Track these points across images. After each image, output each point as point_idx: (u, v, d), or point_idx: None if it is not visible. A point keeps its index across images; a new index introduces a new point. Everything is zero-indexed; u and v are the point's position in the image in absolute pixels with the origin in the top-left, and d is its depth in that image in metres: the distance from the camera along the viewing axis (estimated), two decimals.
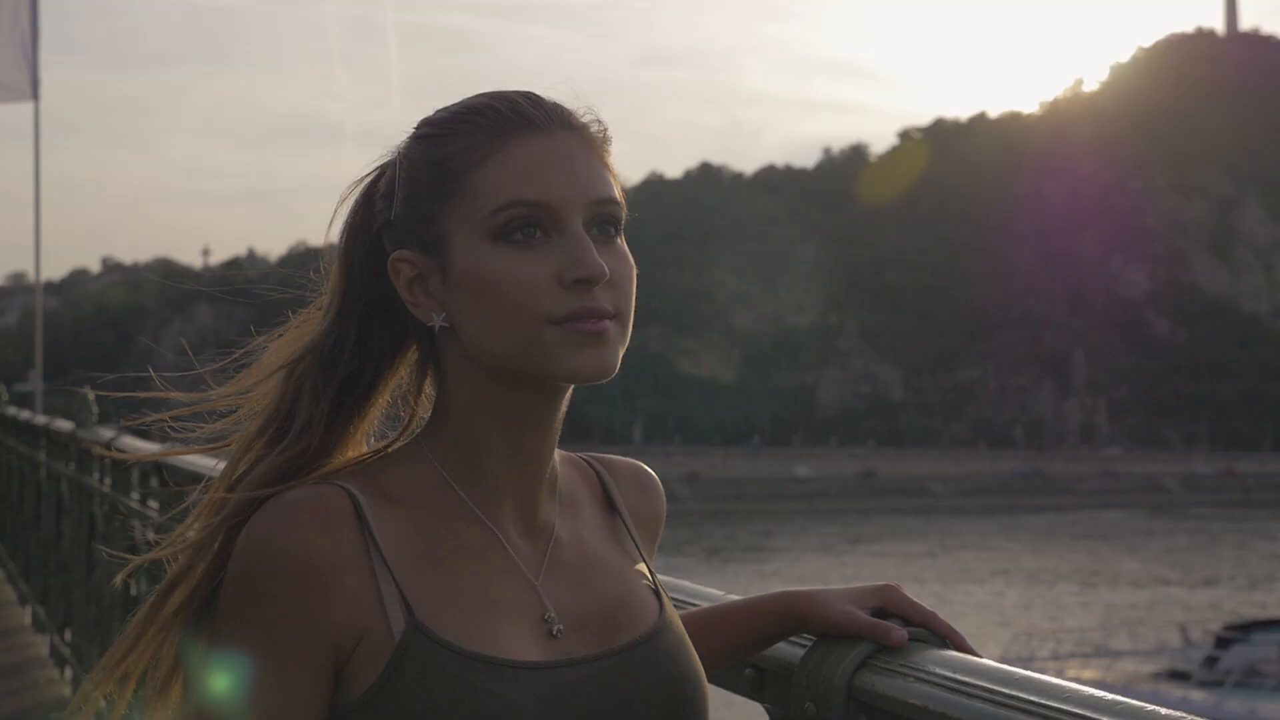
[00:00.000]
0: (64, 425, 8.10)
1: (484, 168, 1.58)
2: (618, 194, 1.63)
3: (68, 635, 7.94)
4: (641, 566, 1.73)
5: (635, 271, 1.63)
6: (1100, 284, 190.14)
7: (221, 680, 1.52)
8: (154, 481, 5.09)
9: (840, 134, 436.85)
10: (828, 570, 67.67)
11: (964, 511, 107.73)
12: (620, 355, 1.59)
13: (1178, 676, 37.87)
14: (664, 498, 1.84)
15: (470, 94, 1.64)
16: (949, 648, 1.63)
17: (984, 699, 1.46)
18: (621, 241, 1.62)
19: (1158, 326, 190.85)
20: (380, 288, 1.66)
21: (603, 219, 1.60)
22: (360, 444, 1.72)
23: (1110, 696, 1.36)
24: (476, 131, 1.61)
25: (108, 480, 6.42)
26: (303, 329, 1.72)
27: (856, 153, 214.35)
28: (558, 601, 1.61)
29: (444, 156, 1.61)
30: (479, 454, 1.63)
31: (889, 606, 1.68)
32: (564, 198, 1.57)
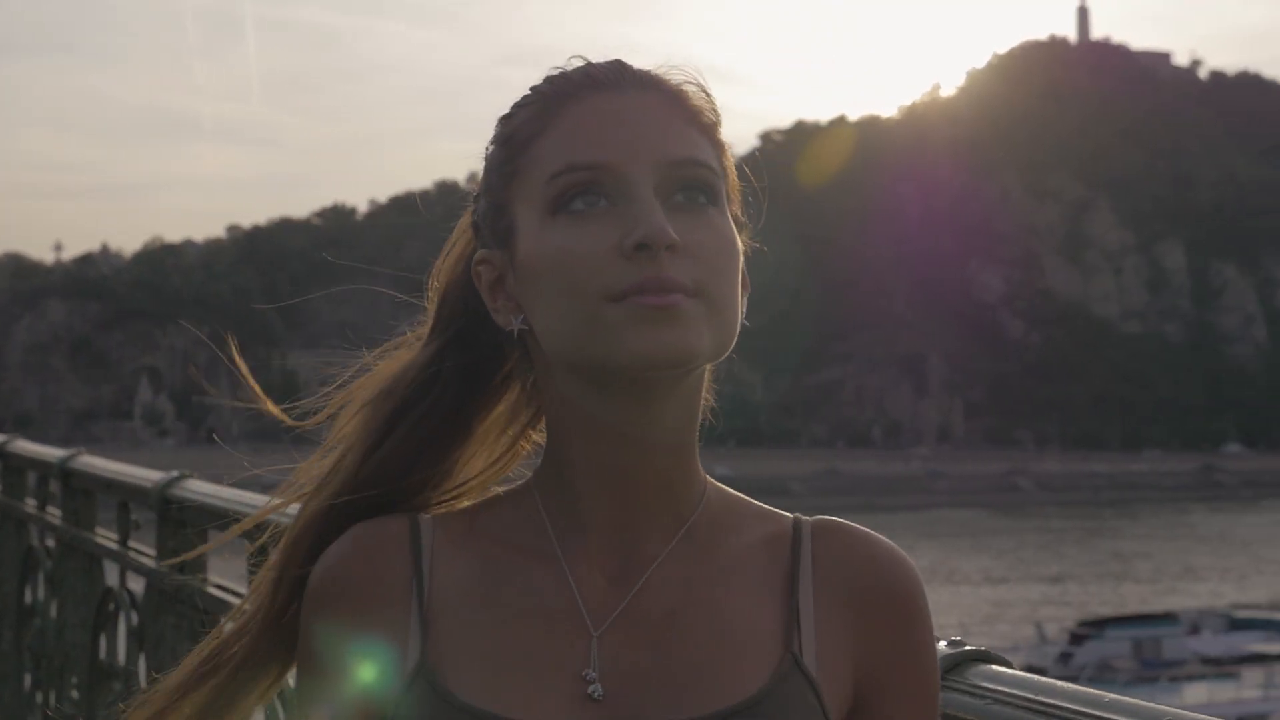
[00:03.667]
0: None
1: (544, 135, 1.40)
2: (711, 159, 1.41)
3: None
4: (775, 634, 1.41)
5: (735, 247, 1.40)
6: (956, 287, 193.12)
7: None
8: (54, 486, 5.02)
9: None
10: None
11: (824, 511, 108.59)
12: (705, 339, 1.35)
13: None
14: (908, 578, 1.47)
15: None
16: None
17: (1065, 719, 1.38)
18: (717, 213, 1.39)
19: (1012, 329, 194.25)
20: (473, 306, 1.50)
21: (686, 184, 1.38)
22: (476, 488, 1.57)
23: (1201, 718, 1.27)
24: (541, 98, 1.43)
25: None
26: (391, 361, 1.56)
27: None
28: (615, 658, 1.38)
29: (511, 132, 1.44)
30: (568, 475, 1.43)
31: None
32: (629, 158, 1.36)
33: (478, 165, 1.45)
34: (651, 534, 1.43)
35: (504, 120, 1.46)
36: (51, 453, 5.08)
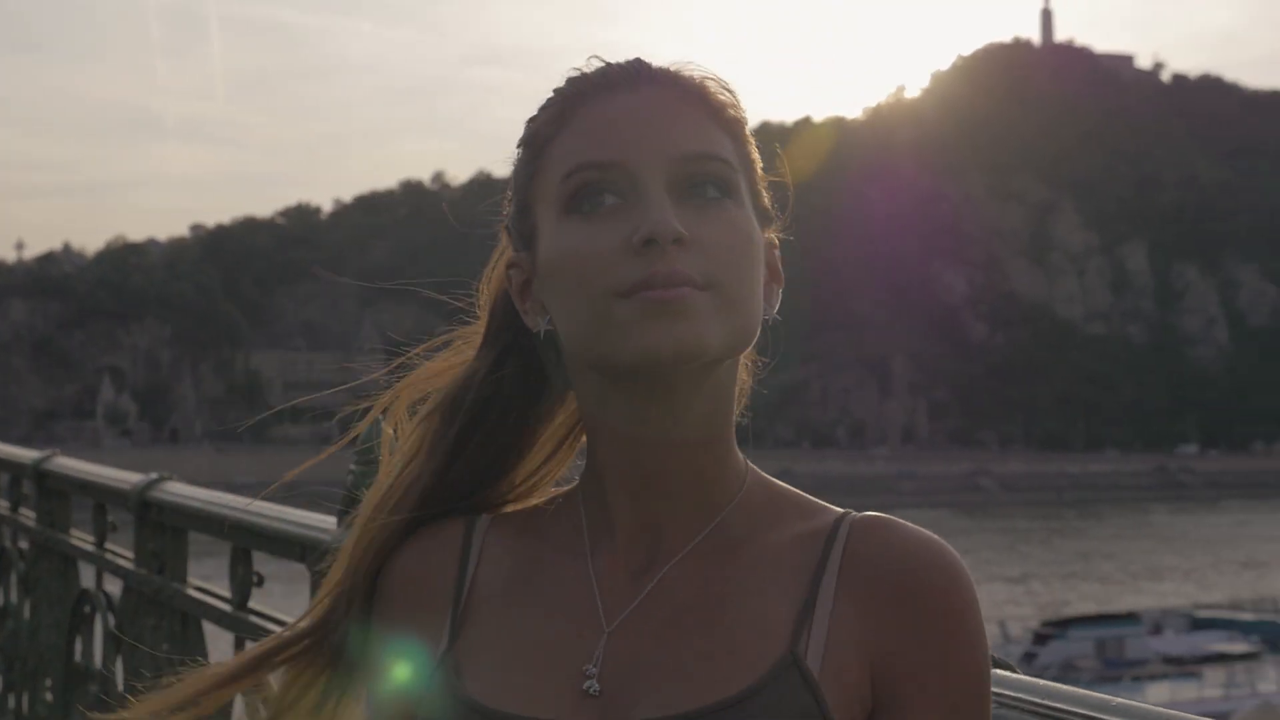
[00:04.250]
0: None
1: (560, 136, 1.41)
2: (727, 153, 1.40)
3: None
4: (781, 632, 1.36)
5: (751, 240, 1.39)
6: (920, 288, 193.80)
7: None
8: (27, 488, 5.01)
9: None
10: None
11: None
12: (716, 332, 1.33)
13: None
14: (942, 575, 1.39)
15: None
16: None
17: None
18: (733, 206, 1.38)
19: (975, 330, 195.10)
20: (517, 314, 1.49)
21: (697, 178, 1.37)
22: (540, 490, 1.57)
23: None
24: (560, 99, 1.43)
25: None
26: (443, 367, 1.57)
27: None
28: (621, 653, 1.37)
29: (531, 134, 1.45)
30: (599, 473, 1.44)
31: None
32: (638, 155, 1.36)
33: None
34: (678, 530, 1.41)
35: (528, 123, 1.46)
36: (26, 454, 5.06)
